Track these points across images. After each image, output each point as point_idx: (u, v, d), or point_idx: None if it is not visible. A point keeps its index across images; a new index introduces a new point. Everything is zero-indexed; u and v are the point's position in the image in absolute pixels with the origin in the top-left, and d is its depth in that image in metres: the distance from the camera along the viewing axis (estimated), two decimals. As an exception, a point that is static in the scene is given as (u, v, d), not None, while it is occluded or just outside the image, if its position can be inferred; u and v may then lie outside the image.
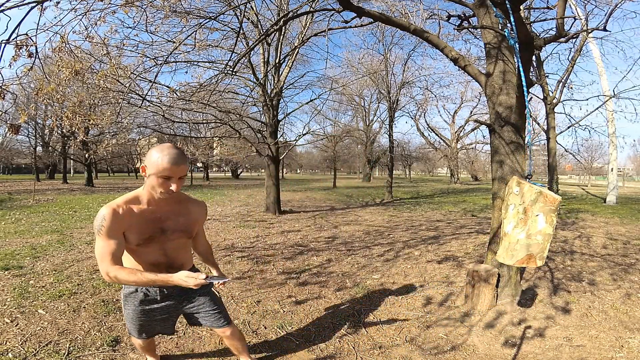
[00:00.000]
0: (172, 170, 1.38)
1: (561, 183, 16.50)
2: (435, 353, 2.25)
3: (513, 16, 2.09)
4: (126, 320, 1.68)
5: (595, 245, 5.38)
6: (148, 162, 1.40)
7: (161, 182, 1.39)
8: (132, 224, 1.43)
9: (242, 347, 1.89)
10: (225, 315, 1.77)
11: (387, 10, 5.56)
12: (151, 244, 1.49)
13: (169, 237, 1.54)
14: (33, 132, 22.81)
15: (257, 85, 8.38)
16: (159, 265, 1.54)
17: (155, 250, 1.52)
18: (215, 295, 1.80)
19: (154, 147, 1.43)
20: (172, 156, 1.38)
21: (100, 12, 3.41)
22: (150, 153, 1.40)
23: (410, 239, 5.88)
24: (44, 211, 8.47)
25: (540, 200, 1.31)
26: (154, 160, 1.38)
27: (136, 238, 1.45)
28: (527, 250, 1.33)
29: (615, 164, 12.27)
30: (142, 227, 1.45)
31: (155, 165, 1.37)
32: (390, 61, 14.41)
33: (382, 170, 41.88)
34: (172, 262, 1.59)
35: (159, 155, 1.37)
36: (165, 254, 1.56)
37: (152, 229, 1.48)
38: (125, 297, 1.63)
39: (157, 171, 1.37)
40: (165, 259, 1.56)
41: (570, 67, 9.46)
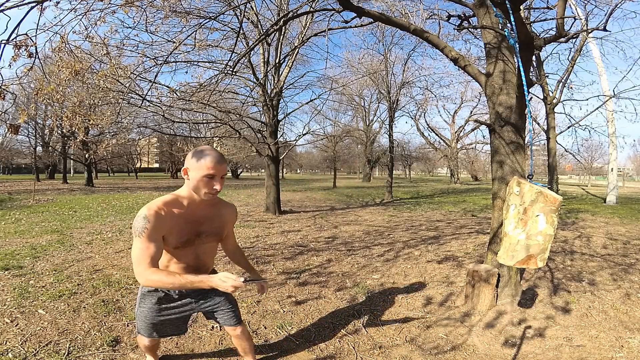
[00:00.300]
0: (216, 168, 1.41)
1: (561, 183, 16.52)
2: (435, 353, 2.25)
3: (513, 16, 2.09)
4: (138, 318, 1.68)
5: (595, 245, 5.38)
6: (191, 164, 1.42)
7: (206, 181, 1.41)
8: (173, 227, 1.43)
9: (250, 348, 1.90)
10: (238, 315, 1.79)
11: (387, 10, 5.56)
12: (187, 246, 1.51)
13: (203, 240, 1.56)
14: (33, 132, 22.83)
15: (257, 85, 8.38)
16: (188, 267, 1.56)
17: (190, 253, 1.54)
18: (231, 295, 1.80)
19: (194, 150, 1.45)
20: (216, 156, 1.42)
21: (100, 12, 3.41)
22: (192, 155, 1.43)
23: (410, 239, 5.88)
24: (44, 211, 8.47)
25: (540, 201, 1.30)
26: (198, 160, 1.40)
27: (175, 241, 1.46)
28: (527, 251, 1.32)
29: (615, 164, 12.27)
30: (182, 229, 1.46)
31: (199, 165, 1.40)
32: (390, 61, 14.42)
33: (382, 170, 41.87)
34: (201, 266, 1.61)
35: (202, 156, 1.40)
36: (197, 256, 1.58)
37: (191, 231, 1.50)
38: (143, 295, 1.63)
39: (201, 171, 1.39)
40: (195, 262, 1.58)
41: (570, 67, 9.46)
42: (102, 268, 3.89)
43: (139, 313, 1.66)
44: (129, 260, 4.23)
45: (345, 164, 39.46)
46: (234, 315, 1.76)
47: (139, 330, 1.72)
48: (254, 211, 9.26)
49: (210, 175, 1.41)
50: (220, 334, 2.44)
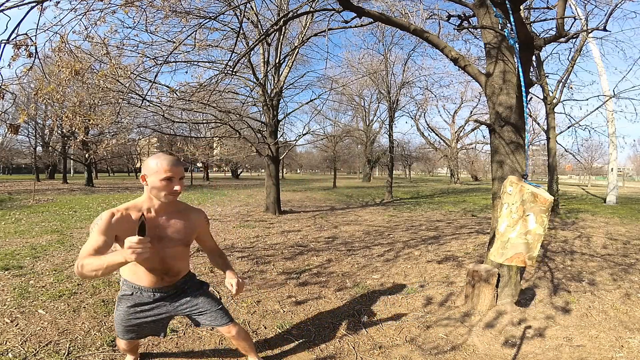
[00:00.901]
0: (172, 170, 1.46)
1: (561, 183, 16.52)
2: (435, 353, 2.25)
3: (513, 16, 2.09)
4: (115, 321, 1.72)
5: (595, 245, 5.38)
6: (148, 170, 1.47)
7: (165, 184, 1.46)
8: (129, 230, 1.43)
9: (250, 347, 1.91)
10: (226, 313, 1.79)
11: (387, 10, 5.56)
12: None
13: (166, 245, 1.57)
14: (33, 132, 22.82)
15: (257, 85, 8.38)
16: (155, 270, 1.59)
17: (152, 256, 1.53)
18: (213, 295, 1.82)
19: (149, 157, 1.51)
20: (170, 159, 1.48)
21: (100, 12, 3.41)
22: (148, 161, 1.49)
23: (410, 239, 5.88)
24: (44, 211, 8.47)
25: (531, 201, 1.31)
26: (154, 165, 1.46)
27: None
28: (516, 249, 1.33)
29: (615, 164, 12.27)
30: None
31: (156, 169, 1.45)
32: (390, 61, 14.42)
33: (382, 170, 41.87)
34: (169, 270, 1.63)
35: (157, 161, 1.46)
36: (162, 261, 1.58)
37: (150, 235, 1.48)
38: (119, 298, 1.67)
39: (159, 174, 1.45)
40: (161, 266, 1.59)
41: (570, 67, 9.44)
42: (102, 268, 3.89)
43: (116, 316, 1.69)
44: (129, 260, 4.23)
45: (345, 164, 39.46)
46: (222, 314, 1.76)
47: (117, 333, 1.76)
48: (254, 211, 9.26)
49: (168, 178, 1.45)
50: (220, 334, 2.44)
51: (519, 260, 1.32)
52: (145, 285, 1.62)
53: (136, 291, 1.63)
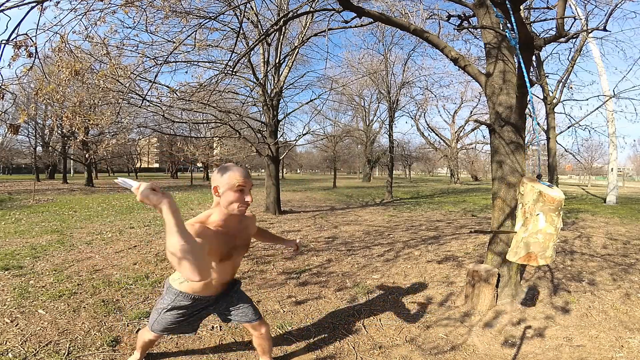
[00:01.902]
0: (245, 181, 1.47)
1: (561, 183, 16.54)
2: (435, 353, 2.25)
3: (513, 16, 2.09)
4: (156, 322, 1.69)
5: (595, 245, 5.38)
6: (220, 181, 1.45)
7: (237, 195, 1.45)
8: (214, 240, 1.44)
9: (269, 348, 1.95)
10: (257, 310, 1.85)
11: (387, 10, 5.56)
12: (228, 259, 1.57)
13: (239, 252, 1.64)
14: (33, 132, 22.82)
15: (257, 85, 8.38)
16: (225, 282, 1.68)
17: (228, 268, 1.62)
18: (244, 293, 1.88)
19: (219, 168, 1.50)
20: (242, 170, 1.48)
21: (100, 12, 3.41)
22: (220, 173, 1.46)
23: (410, 239, 5.88)
24: (44, 211, 8.46)
25: (540, 200, 1.32)
26: (227, 177, 1.45)
27: (215, 257, 1.50)
28: (528, 249, 1.34)
29: (615, 164, 12.27)
30: (221, 245, 1.49)
31: (229, 181, 1.44)
32: (390, 61, 14.42)
33: (382, 170, 41.87)
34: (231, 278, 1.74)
35: (229, 172, 1.45)
36: (233, 271, 1.69)
37: (230, 247, 1.56)
38: (173, 308, 1.64)
39: (232, 186, 1.44)
40: (229, 276, 1.68)
41: (570, 67, 9.45)
42: (102, 268, 3.89)
43: (160, 319, 1.67)
44: (129, 260, 4.23)
45: (345, 164, 39.45)
46: (254, 310, 1.82)
47: (153, 329, 1.73)
48: (254, 211, 9.26)
49: (240, 188, 1.45)
50: (220, 334, 2.44)
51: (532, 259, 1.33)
52: (208, 295, 1.65)
53: (195, 302, 1.64)
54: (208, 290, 1.64)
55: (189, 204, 10.89)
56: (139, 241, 5.34)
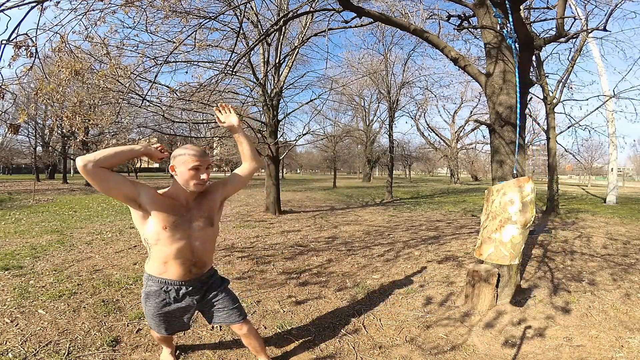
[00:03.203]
0: (200, 160, 1.54)
1: (561, 183, 16.51)
2: (435, 353, 2.25)
3: (513, 16, 2.09)
4: (146, 315, 1.76)
5: (595, 245, 5.38)
6: (176, 161, 1.57)
7: (193, 173, 1.54)
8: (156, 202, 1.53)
9: (260, 346, 1.93)
10: (241, 311, 1.82)
11: (387, 10, 5.57)
12: (177, 231, 1.56)
13: (195, 228, 1.61)
14: (33, 132, 22.81)
15: (257, 85, 8.38)
16: (185, 262, 1.61)
17: (182, 243, 1.58)
18: (232, 292, 1.85)
19: (177, 149, 1.59)
20: (196, 149, 1.58)
21: (100, 12, 3.41)
22: (176, 152, 1.58)
23: (410, 239, 5.87)
24: (44, 211, 8.47)
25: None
26: (182, 156, 1.55)
27: (163, 218, 1.53)
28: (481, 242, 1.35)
29: (615, 164, 12.26)
30: (167, 209, 1.55)
31: (184, 159, 1.54)
32: (390, 61, 14.41)
33: (382, 170, 41.86)
34: (197, 260, 1.66)
35: (185, 152, 1.55)
36: (190, 249, 1.61)
37: (178, 215, 1.57)
38: (147, 295, 1.68)
39: (187, 164, 1.53)
40: (191, 255, 1.62)
41: (570, 67, 9.44)
42: (102, 268, 3.89)
43: (146, 312, 1.74)
44: (129, 260, 4.23)
45: (345, 164, 39.45)
46: (237, 312, 1.79)
47: (151, 326, 1.81)
48: (254, 211, 9.26)
49: (195, 167, 1.53)
50: (220, 334, 2.44)
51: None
52: (172, 279, 1.63)
53: (162, 286, 1.64)
54: (169, 271, 1.61)
55: (189, 204, 10.87)
56: (139, 241, 5.33)
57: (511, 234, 1.29)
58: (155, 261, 1.61)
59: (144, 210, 1.53)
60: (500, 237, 1.29)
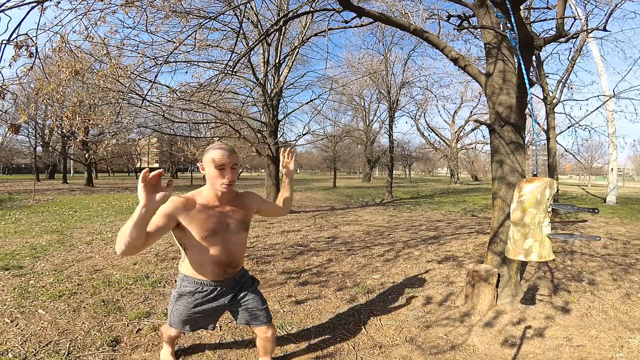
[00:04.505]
0: (225, 159, 1.49)
1: (561, 183, 16.52)
2: (435, 353, 2.25)
3: (513, 16, 2.09)
4: (171, 314, 1.72)
5: (595, 245, 5.38)
6: (204, 159, 1.53)
7: (217, 173, 1.49)
8: (195, 215, 1.50)
9: (272, 350, 1.94)
10: (268, 313, 1.83)
11: (387, 10, 5.57)
12: (215, 238, 1.55)
13: (232, 232, 1.61)
14: (33, 132, 22.82)
15: (257, 85, 8.38)
16: (220, 263, 1.60)
17: (219, 245, 1.57)
18: (261, 293, 1.86)
19: (207, 147, 1.56)
20: (222, 147, 1.53)
21: (100, 12, 3.41)
22: (205, 151, 1.55)
23: (410, 239, 5.88)
24: (44, 211, 8.47)
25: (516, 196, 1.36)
26: (208, 154, 1.51)
27: (201, 230, 1.51)
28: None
29: (615, 164, 12.26)
30: (206, 219, 1.53)
31: (210, 158, 1.49)
32: (390, 61, 14.41)
33: (382, 170, 41.86)
34: (232, 261, 1.65)
35: (211, 151, 1.51)
36: (227, 251, 1.60)
37: (217, 222, 1.55)
38: (179, 295, 1.67)
39: (212, 163, 1.49)
40: (226, 257, 1.61)
41: (570, 67, 9.44)
42: (102, 268, 3.89)
43: (174, 310, 1.70)
44: (129, 260, 4.23)
45: (345, 164, 39.43)
46: (265, 313, 1.80)
47: (171, 324, 1.76)
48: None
49: (220, 167, 1.48)
50: (220, 334, 2.44)
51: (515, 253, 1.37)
52: (208, 279, 1.62)
53: (198, 287, 1.63)
54: (205, 272, 1.61)
55: (189, 204, 10.87)
56: (139, 241, 5.33)
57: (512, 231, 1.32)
58: (191, 263, 1.60)
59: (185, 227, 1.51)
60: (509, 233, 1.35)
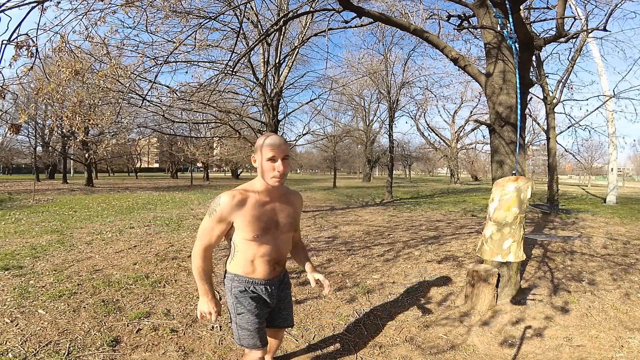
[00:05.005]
0: (274, 150, 1.41)
1: (561, 183, 16.52)
2: (435, 353, 2.25)
3: (513, 16, 2.09)
4: (241, 328, 1.53)
5: (595, 245, 5.38)
6: (255, 152, 1.47)
7: (269, 165, 1.42)
8: (248, 212, 1.44)
9: (276, 349, 1.95)
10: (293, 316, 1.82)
11: (387, 10, 5.57)
12: (267, 236, 1.49)
13: (281, 231, 1.54)
14: (33, 132, 22.82)
15: (257, 85, 8.38)
16: (271, 260, 1.53)
17: (270, 244, 1.51)
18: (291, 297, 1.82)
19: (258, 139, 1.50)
20: (273, 137, 1.44)
21: (100, 12, 3.41)
22: (256, 143, 1.48)
23: (410, 239, 5.88)
24: (44, 211, 8.47)
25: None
26: (258, 146, 1.45)
27: (254, 229, 1.45)
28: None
29: (615, 164, 12.26)
30: (259, 216, 1.46)
31: (260, 150, 1.43)
32: (390, 61, 14.41)
33: (382, 170, 41.87)
34: (281, 258, 1.59)
35: (261, 141, 1.44)
36: (277, 249, 1.54)
37: (268, 220, 1.49)
38: (237, 298, 1.53)
39: (263, 155, 1.42)
40: (276, 255, 1.55)
41: (570, 67, 9.44)
42: (102, 268, 3.89)
43: (241, 321, 1.52)
44: (129, 260, 4.23)
45: (345, 164, 39.43)
46: (292, 316, 1.78)
47: (248, 345, 1.53)
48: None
49: (271, 158, 1.41)
50: (220, 334, 2.44)
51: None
52: (258, 278, 1.53)
53: (249, 286, 1.52)
54: (257, 270, 1.51)
55: (188, 204, 10.88)
56: (139, 241, 5.34)
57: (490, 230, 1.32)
58: (241, 260, 1.51)
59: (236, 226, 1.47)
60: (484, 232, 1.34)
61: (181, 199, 12.78)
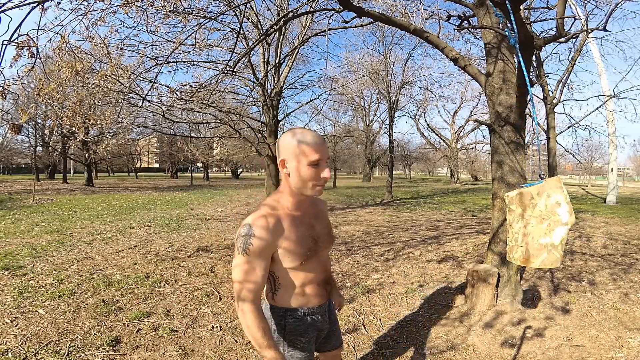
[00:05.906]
0: (319, 150, 1.06)
1: (561, 183, 16.56)
2: (435, 353, 2.25)
3: (513, 16, 2.09)
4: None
5: (595, 245, 5.38)
6: (287, 152, 1.07)
7: (313, 172, 1.06)
8: (289, 237, 1.09)
9: None
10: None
11: (387, 10, 5.56)
12: (312, 257, 1.16)
13: (320, 246, 1.20)
14: (33, 132, 22.84)
15: (257, 85, 8.38)
16: (320, 283, 1.22)
17: (317, 265, 1.20)
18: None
19: (285, 135, 1.09)
20: (312, 135, 1.07)
21: (100, 13, 3.41)
22: (286, 141, 1.07)
23: (410, 239, 5.88)
24: (44, 211, 8.47)
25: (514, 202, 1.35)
26: (291, 145, 1.06)
27: (300, 254, 1.11)
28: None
29: (615, 164, 12.27)
30: (302, 238, 1.12)
31: (300, 151, 1.05)
32: (390, 61, 14.42)
33: (382, 170, 41.87)
34: (329, 276, 1.28)
35: (300, 139, 1.05)
36: (324, 267, 1.24)
37: (310, 238, 1.15)
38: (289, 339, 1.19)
39: (304, 158, 1.05)
40: (324, 274, 1.23)
41: (570, 67, 9.46)
42: (102, 268, 3.89)
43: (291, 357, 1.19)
44: (129, 260, 4.23)
45: (345, 164, 39.44)
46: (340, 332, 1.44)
47: None
48: (254, 211, 9.25)
49: (315, 162, 1.05)
50: (220, 334, 2.44)
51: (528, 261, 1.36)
52: (314, 305, 1.21)
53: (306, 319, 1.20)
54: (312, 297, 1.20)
55: (188, 204, 10.88)
56: (139, 241, 5.34)
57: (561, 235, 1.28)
58: (290, 292, 1.17)
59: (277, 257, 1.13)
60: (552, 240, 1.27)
61: (181, 199, 12.78)
